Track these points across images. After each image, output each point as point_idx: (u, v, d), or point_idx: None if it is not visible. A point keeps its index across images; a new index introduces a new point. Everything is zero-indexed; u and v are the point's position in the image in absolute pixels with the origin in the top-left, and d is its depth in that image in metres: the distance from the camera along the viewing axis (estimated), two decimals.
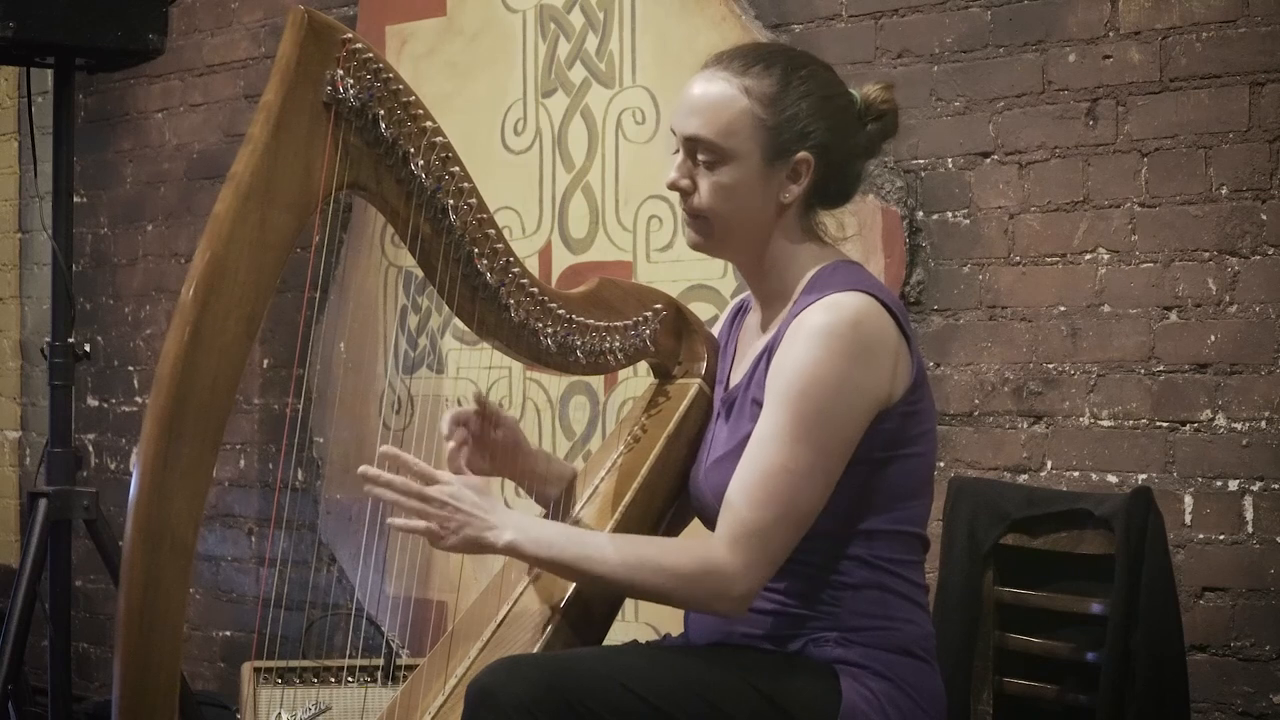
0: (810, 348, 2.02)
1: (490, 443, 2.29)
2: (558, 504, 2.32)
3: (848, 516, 2.08)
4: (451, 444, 2.23)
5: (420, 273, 2.15)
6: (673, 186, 2.14)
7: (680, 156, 2.14)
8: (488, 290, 2.13)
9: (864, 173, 2.23)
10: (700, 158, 2.11)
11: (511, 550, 2.05)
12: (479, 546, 2.05)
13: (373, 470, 2.05)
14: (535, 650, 2.07)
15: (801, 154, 2.11)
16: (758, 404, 2.08)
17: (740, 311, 2.33)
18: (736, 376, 2.22)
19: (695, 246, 2.19)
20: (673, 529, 2.30)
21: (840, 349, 2.01)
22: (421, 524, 2.04)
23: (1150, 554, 2.39)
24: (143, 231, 4.86)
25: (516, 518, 2.07)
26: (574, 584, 2.14)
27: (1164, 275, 3.01)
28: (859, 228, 3.20)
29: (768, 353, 2.10)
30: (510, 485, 2.48)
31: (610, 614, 2.20)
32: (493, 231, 2.12)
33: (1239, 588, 2.93)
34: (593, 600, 2.16)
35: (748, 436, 2.07)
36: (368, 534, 4.05)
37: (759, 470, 2.01)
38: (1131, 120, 3.05)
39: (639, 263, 3.70)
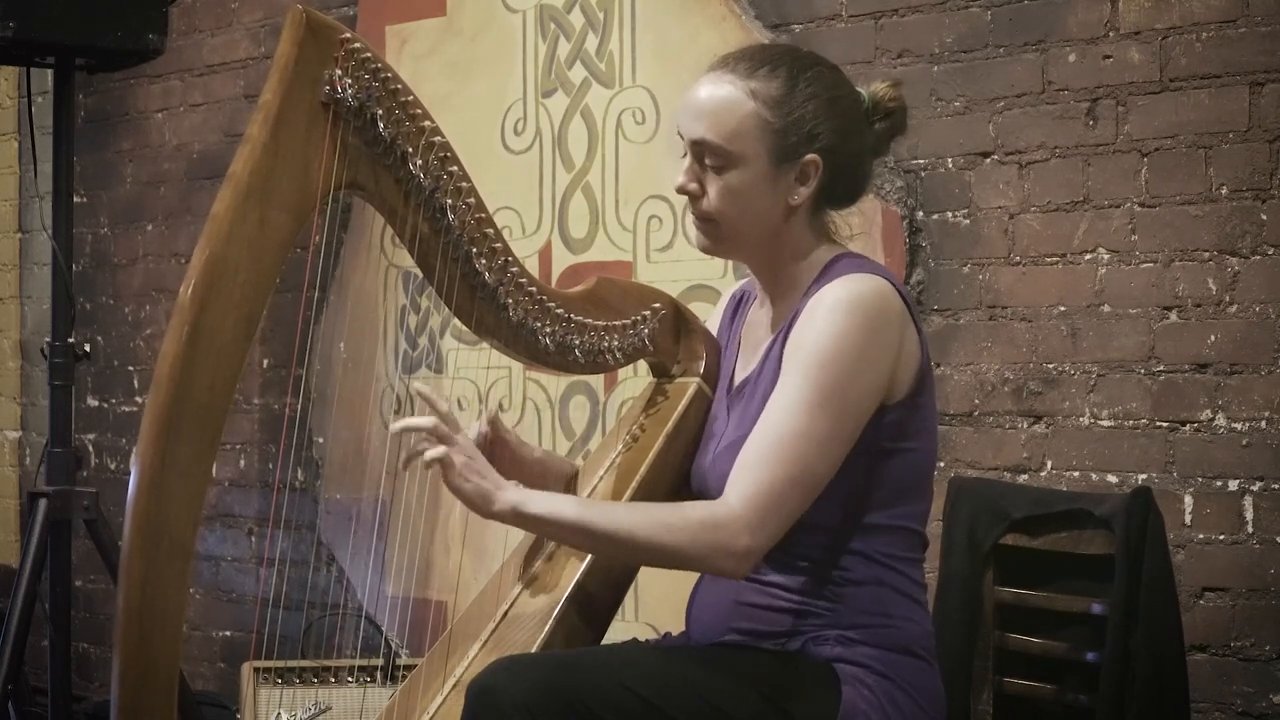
0: (832, 320, 2.02)
1: (496, 457, 2.30)
2: None
3: (848, 509, 2.08)
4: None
5: (419, 272, 2.15)
6: (681, 191, 2.14)
7: (688, 160, 2.14)
8: (486, 290, 2.13)
9: (872, 172, 2.23)
10: (708, 161, 2.11)
11: (515, 509, 2.02)
12: (485, 501, 2.03)
13: (411, 420, 2.06)
14: (535, 650, 2.07)
15: (809, 156, 2.11)
16: (773, 388, 2.08)
17: (741, 301, 2.33)
18: (744, 369, 2.22)
19: (705, 250, 2.19)
20: None
21: (861, 322, 2.02)
22: (443, 449, 2.03)
23: (1150, 554, 2.39)
24: (143, 231, 4.86)
25: (517, 485, 2.08)
26: (575, 581, 2.13)
27: (1164, 275, 3.01)
28: (865, 226, 3.20)
29: (783, 337, 2.10)
30: None
31: (610, 613, 2.20)
32: (491, 231, 2.12)
33: (1239, 588, 2.93)
34: (593, 599, 2.16)
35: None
36: (368, 534, 4.06)
37: (775, 434, 2.01)
38: (1131, 120, 3.05)
39: (639, 263, 3.70)
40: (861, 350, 2.02)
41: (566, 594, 2.13)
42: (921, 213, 3.31)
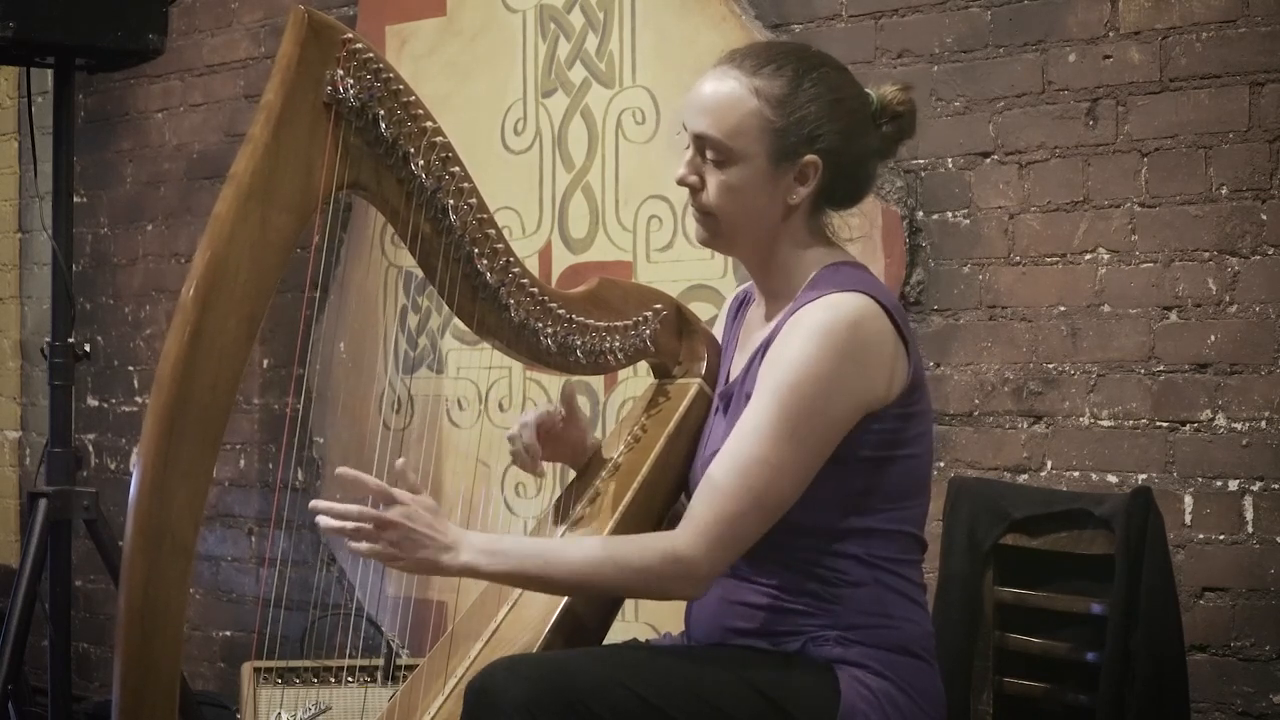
0: (804, 345, 2.02)
1: (557, 437, 2.32)
2: (558, 502, 2.32)
3: (845, 516, 2.08)
4: (522, 442, 2.26)
5: (420, 273, 2.15)
6: (681, 182, 2.15)
7: (691, 153, 2.15)
8: (488, 290, 2.13)
9: (876, 174, 2.23)
10: (709, 156, 2.12)
11: (469, 570, 2.02)
12: (435, 568, 2.02)
13: (323, 504, 2.01)
14: (535, 650, 2.07)
15: (809, 157, 2.11)
16: (750, 398, 2.08)
17: (743, 303, 2.33)
18: (736, 370, 2.23)
19: (703, 243, 2.20)
20: (672, 529, 2.29)
21: (834, 348, 2.02)
22: (371, 547, 2.00)
23: (1150, 554, 2.39)
24: (143, 231, 4.86)
25: (472, 537, 2.04)
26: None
27: (1164, 275, 3.01)
28: (868, 228, 3.20)
29: (764, 348, 2.11)
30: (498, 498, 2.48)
31: (610, 613, 2.20)
32: (493, 231, 2.12)
33: (1239, 588, 2.93)
34: (592, 600, 2.16)
35: None
36: None
37: (738, 460, 2.02)
38: (1131, 120, 3.05)
39: (639, 263, 3.70)
40: (833, 377, 2.02)
41: (567, 595, 2.13)
42: (921, 213, 3.31)
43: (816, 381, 2.01)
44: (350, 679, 3.22)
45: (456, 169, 2.08)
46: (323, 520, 2.02)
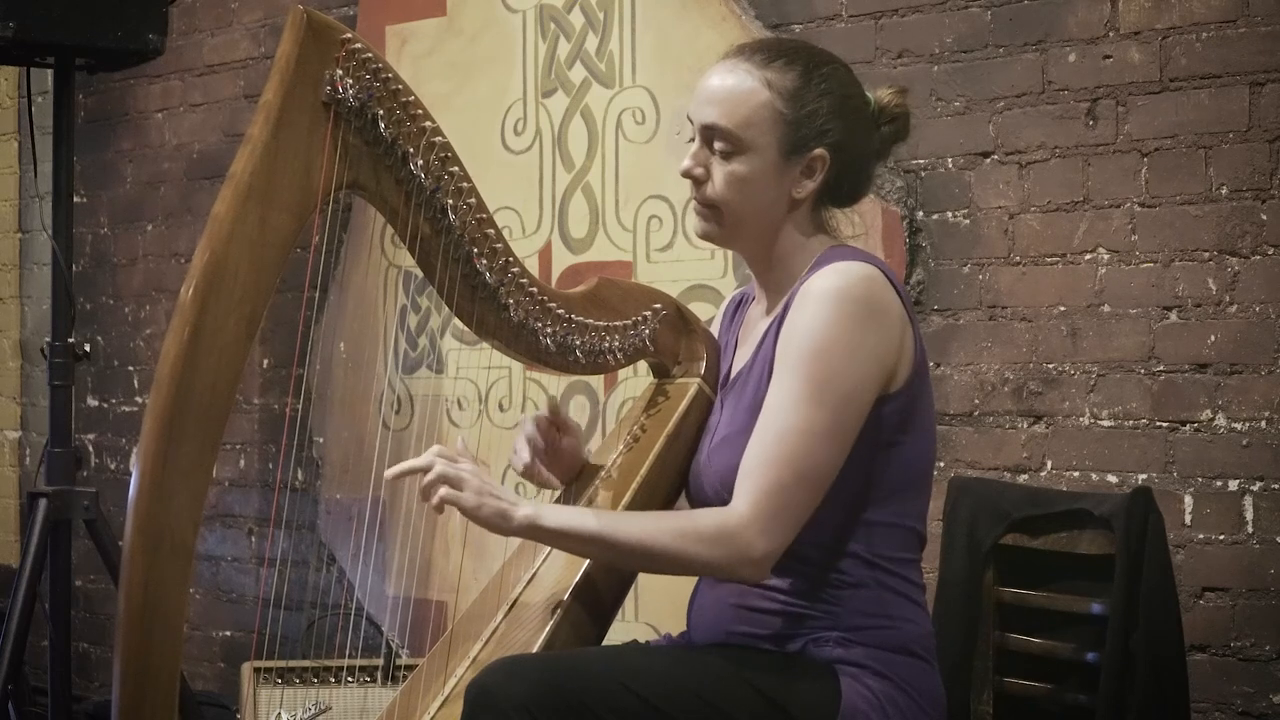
0: (820, 311, 2.02)
1: (557, 450, 2.31)
2: (558, 502, 2.32)
3: (848, 506, 2.08)
4: (526, 458, 2.26)
5: (420, 273, 2.15)
6: (686, 174, 2.15)
7: (696, 145, 2.14)
8: (487, 290, 2.13)
9: (874, 175, 2.24)
10: (717, 147, 2.12)
11: (531, 524, 2.03)
12: (502, 518, 2.02)
13: (394, 469, 2.04)
14: (535, 650, 2.07)
15: (818, 151, 2.12)
16: (767, 378, 2.08)
17: (739, 305, 2.34)
18: (739, 364, 2.22)
19: (705, 236, 2.19)
20: None
21: (850, 311, 2.02)
22: (456, 493, 2.02)
23: (1150, 554, 2.39)
24: (143, 231, 4.86)
25: (528, 500, 2.07)
26: (575, 581, 2.13)
27: (1164, 275, 3.01)
28: (865, 228, 3.20)
29: (775, 326, 2.11)
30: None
31: (611, 613, 2.20)
32: (492, 231, 2.12)
33: (1239, 588, 2.93)
34: (593, 599, 2.16)
35: (752, 413, 2.07)
36: (368, 534, 4.06)
37: (774, 432, 2.01)
38: (1131, 120, 3.05)
39: (639, 263, 3.70)
40: (852, 339, 2.02)
41: (567, 594, 2.13)
42: (921, 213, 3.31)
43: (837, 345, 2.01)
44: (350, 679, 3.22)
45: (456, 169, 2.08)
46: (396, 478, 2.03)
